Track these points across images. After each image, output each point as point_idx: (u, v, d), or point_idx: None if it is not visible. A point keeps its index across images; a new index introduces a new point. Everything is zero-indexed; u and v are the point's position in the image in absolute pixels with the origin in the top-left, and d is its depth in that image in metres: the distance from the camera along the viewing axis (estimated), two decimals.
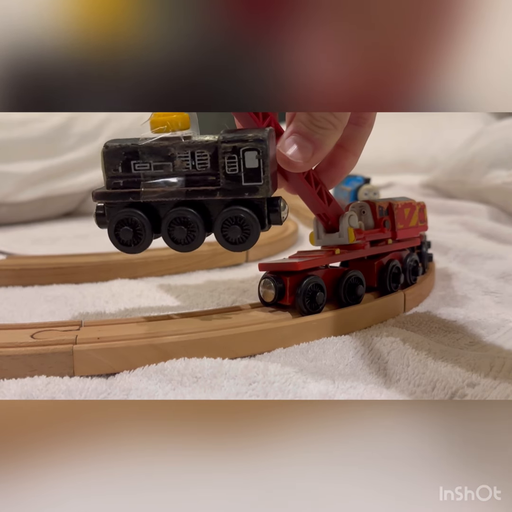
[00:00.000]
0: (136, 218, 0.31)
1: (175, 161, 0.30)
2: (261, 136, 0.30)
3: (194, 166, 0.31)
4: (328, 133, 0.31)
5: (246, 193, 0.31)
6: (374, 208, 0.41)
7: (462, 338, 0.36)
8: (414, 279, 0.43)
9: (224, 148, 0.30)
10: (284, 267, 0.35)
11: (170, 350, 0.30)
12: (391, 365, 0.31)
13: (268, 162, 0.30)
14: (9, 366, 0.29)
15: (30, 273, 0.51)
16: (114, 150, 0.31)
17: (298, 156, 0.31)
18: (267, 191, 0.31)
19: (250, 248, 0.32)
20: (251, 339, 0.32)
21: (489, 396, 0.27)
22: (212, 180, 0.31)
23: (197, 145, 0.30)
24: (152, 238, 0.32)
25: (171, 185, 0.31)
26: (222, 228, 0.31)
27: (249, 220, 0.31)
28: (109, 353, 0.30)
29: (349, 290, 0.37)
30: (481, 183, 0.88)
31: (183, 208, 0.31)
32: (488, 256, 0.55)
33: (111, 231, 0.32)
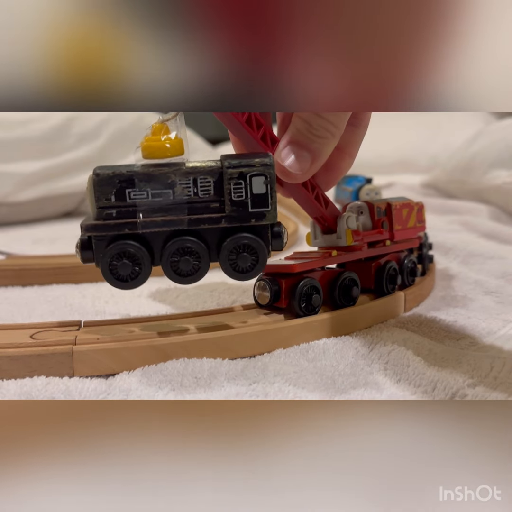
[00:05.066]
0: (134, 250, 0.29)
1: (175, 188, 0.29)
2: (268, 161, 0.29)
3: (196, 193, 0.29)
4: (326, 142, 0.31)
5: (253, 219, 0.30)
6: (372, 208, 0.40)
7: (463, 338, 0.36)
8: (412, 280, 0.43)
9: (230, 174, 0.29)
10: (280, 269, 0.35)
11: (170, 351, 0.30)
12: (391, 366, 0.31)
13: (275, 187, 0.29)
14: (9, 366, 0.29)
15: (30, 273, 0.51)
16: (107, 178, 0.28)
17: (296, 167, 0.31)
18: (274, 217, 0.30)
19: (258, 276, 0.31)
20: (251, 339, 0.32)
21: (490, 396, 0.27)
22: (216, 207, 0.29)
23: (200, 171, 0.29)
24: (151, 271, 0.30)
25: (171, 214, 0.29)
26: (229, 257, 0.30)
27: (258, 247, 0.30)
28: (108, 353, 0.30)
29: (344, 292, 0.37)
30: (482, 183, 0.88)
31: (185, 237, 0.29)
32: (488, 256, 0.55)
33: (105, 266, 0.29)
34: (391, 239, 0.41)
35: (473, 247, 0.58)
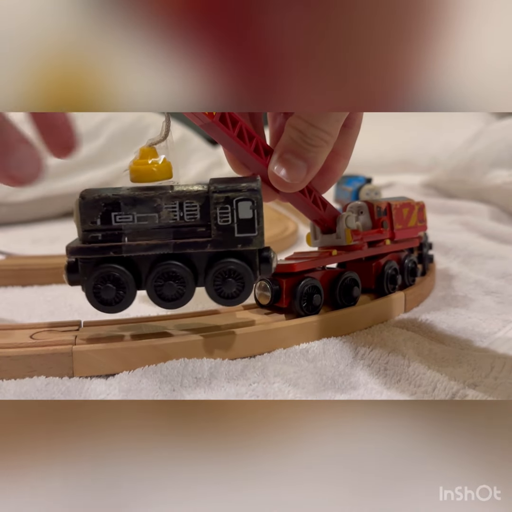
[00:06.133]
0: (118, 274, 0.29)
1: (161, 212, 0.29)
2: (255, 186, 0.29)
3: (182, 217, 0.29)
4: (321, 150, 0.30)
5: (239, 244, 0.29)
6: (372, 208, 0.40)
7: (463, 338, 0.36)
8: (413, 280, 0.43)
9: (217, 198, 0.29)
10: (280, 268, 0.35)
11: (169, 351, 0.30)
12: (392, 366, 0.31)
13: (262, 212, 0.29)
14: (9, 366, 0.29)
15: (29, 273, 0.51)
16: (92, 201, 0.28)
17: (292, 177, 0.31)
18: (261, 242, 0.30)
19: (243, 302, 0.31)
20: (251, 339, 0.32)
21: (490, 396, 0.27)
22: (202, 232, 0.29)
23: (186, 196, 0.29)
24: (135, 295, 0.30)
25: (157, 238, 0.29)
26: (214, 282, 0.30)
27: (244, 273, 0.30)
28: (108, 353, 0.30)
29: (345, 292, 0.37)
30: (482, 183, 0.88)
31: (170, 261, 0.29)
32: (488, 256, 0.55)
33: (89, 289, 0.29)
34: (392, 239, 0.41)
35: (474, 247, 0.58)
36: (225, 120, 0.29)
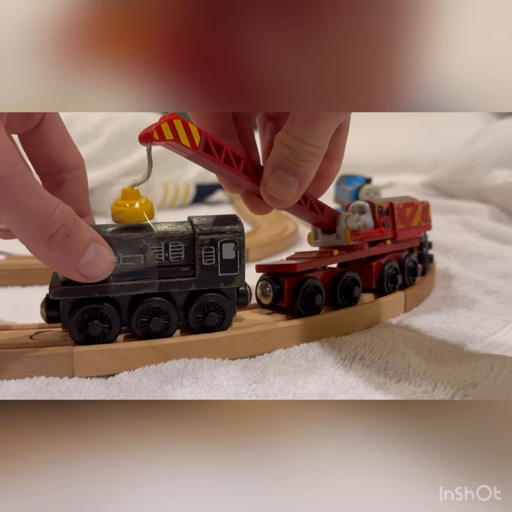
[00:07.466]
0: (105, 311, 0.29)
1: (147, 253, 0.29)
2: (238, 229, 0.31)
3: (167, 258, 0.30)
4: (312, 164, 0.30)
5: (221, 283, 0.31)
6: (373, 208, 0.40)
7: (463, 338, 0.36)
8: (413, 280, 0.43)
9: (202, 240, 0.30)
10: (282, 268, 0.35)
11: (169, 351, 0.30)
12: (392, 366, 0.31)
13: (244, 252, 0.31)
14: (9, 367, 0.29)
15: (29, 273, 0.51)
16: None
17: (284, 194, 0.31)
18: (242, 280, 0.31)
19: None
20: (251, 339, 0.32)
21: (490, 396, 0.27)
22: (186, 271, 0.30)
23: (171, 237, 0.30)
24: (120, 331, 0.30)
25: (142, 278, 0.29)
26: (196, 316, 0.31)
27: (224, 306, 0.31)
28: (108, 354, 0.30)
29: (346, 292, 0.37)
30: (482, 183, 0.88)
31: (154, 298, 0.30)
32: (488, 256, 0.55)
33: (74, 326, 0.29)
34: (394, 238, 0.41)
35: (474, 247, 0.58)
36: (209, 148, 0.29)
